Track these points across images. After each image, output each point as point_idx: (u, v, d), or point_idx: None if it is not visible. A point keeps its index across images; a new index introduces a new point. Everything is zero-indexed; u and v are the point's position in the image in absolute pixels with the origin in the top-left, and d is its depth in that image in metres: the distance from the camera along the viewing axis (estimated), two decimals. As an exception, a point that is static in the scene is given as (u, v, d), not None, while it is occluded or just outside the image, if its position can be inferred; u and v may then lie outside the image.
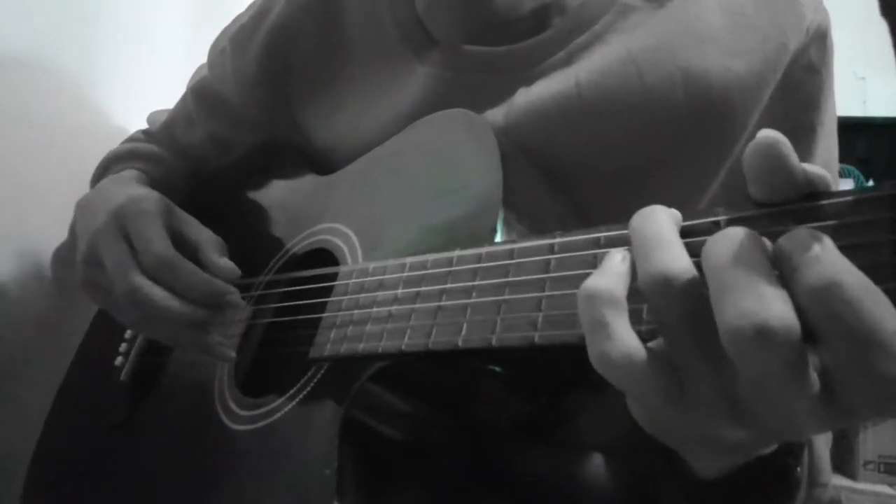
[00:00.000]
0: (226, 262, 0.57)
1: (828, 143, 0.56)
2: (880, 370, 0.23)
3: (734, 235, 0.26)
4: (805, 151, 0.55)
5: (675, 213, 0.30)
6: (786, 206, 0.27)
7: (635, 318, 0.29)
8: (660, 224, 0.29)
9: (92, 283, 0.61)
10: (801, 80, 0.54)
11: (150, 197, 0.60)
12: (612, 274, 0.29)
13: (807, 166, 0.27)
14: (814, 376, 0.25)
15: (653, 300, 0.28)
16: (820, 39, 0.55)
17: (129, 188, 0.65)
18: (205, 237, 0.59)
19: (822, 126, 0.55)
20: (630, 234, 0.29)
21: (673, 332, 0.28)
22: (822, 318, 0.24)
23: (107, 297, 0.59)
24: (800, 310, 0.24)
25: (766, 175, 0.27)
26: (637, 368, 0.28)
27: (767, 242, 0.26)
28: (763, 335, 0.24)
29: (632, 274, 0.30)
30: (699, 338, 0.27)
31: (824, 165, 0.56)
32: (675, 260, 0.27)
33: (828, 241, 0.24)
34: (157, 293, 0.54)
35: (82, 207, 0.68)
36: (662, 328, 0.28)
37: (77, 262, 0.61)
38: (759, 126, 0.54)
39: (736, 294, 0.25)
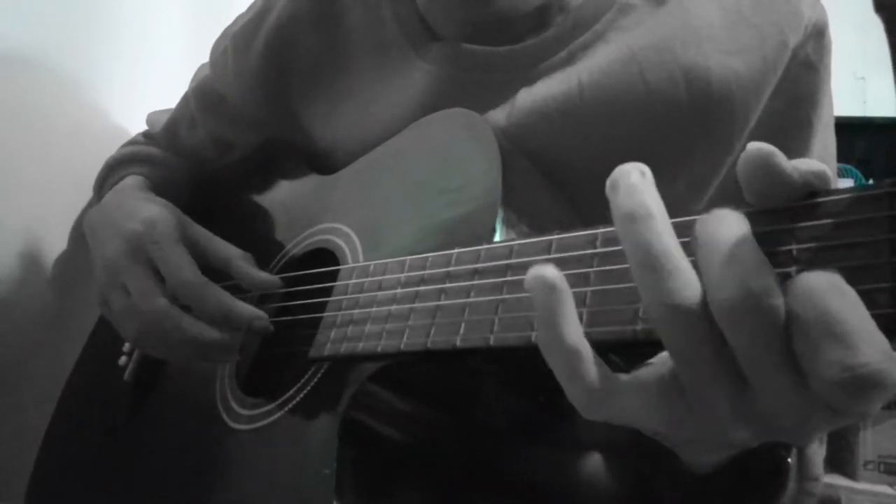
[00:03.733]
0: (266, 276, 0.58)
1: (825, 139, 0.56)
2: (829, 356, 0.23)
3: (722, 215, 0.27)
4: (802, 148, 0.55)
5: (668, 225, 0.28)
6: (784, 205, 0.27)
7: (632, 318, 0.29)
8: (661, 241, 0.27)
9: (110, 305, 0.60)
10: (798, 77, 0.54)
11: (162, 218, 0.60)
12: (565, 321, 0.28)
13: (802, 164, 0.27)
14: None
15: (663, 331, 0.27)
16: (817, 36, 0.54)
17: (139, 205, 0.64)
18: (232, 251, 0.60)
19: (820, 122, 0.55)
20: (627, 253, 0.28)
21: (690, 360, 0.27)
22: (793, 310, 0.24)
23: (127, 321, 0.59)
24: None
25: (759, 185, 0.27)
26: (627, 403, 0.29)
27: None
28: (750, 297, 0.24)
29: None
30: (717, 355, 0.26)
31: (821, 161, 0.56)
32: (685, 287, 0.26)
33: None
34: (184, 319, 0.54)
35: (92, 226, 0.67)
36: (676, 356, 0.27)
37: (96, 289, 0.61)
38: (760, 123, 0.54)
39: (726, 265, 0.25)
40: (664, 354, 0.29)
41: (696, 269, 0.27)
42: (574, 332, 0.28)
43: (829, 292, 0.24)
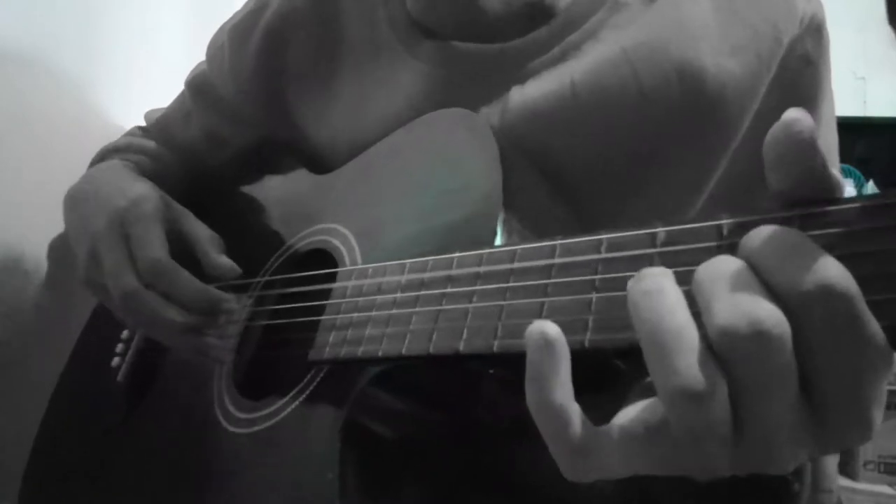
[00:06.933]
0: (225, 261, 0.59)
1: (826, 136, 0.56)
2: (865, 368, 0.23)
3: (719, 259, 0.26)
4: None
5: (671, 279, 0.27)
6: (791, 213, 0.27)
7: (620, 325, 0.29)
8: (672, 322, 0.26)
9: (95, 284, 0.61)
10: (796, 72, 0.54)
11: (148, 197, 0.60)
12: (555, 379, 0.28)
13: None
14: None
15: (675, 412, 0.26)
16: (815, 30, 0.54)
17: (126, 184, 0.64)
18: (202, 233, 0.60)
19: (821, 118, 0.55)
20: (636, 323, 0.27)
21: (691, 431, 0.26)
22: (816, 320, 0.24)
23: (108, 298, 0.60)
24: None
25: (789, 160, 0.26)
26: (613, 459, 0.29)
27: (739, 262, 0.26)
28: (757, 331, 0.24)
29: None
30: (720, 428, 0.26)
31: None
32: (698, 372, 0.25)
33: (808, 244, 0.25)
34: (152, 299, 0.55)
35: (74, 199, 0.67)
36: (683, 431, 0.27)
37: (79, 264, 0.62)
38: (756, 120, 0.53)
39: (728, 298, 0.25)
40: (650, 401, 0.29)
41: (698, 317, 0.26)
42: (563, 393, 0.28)
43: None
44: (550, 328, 0.28)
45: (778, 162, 0.26)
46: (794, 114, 0.26)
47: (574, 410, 0.28)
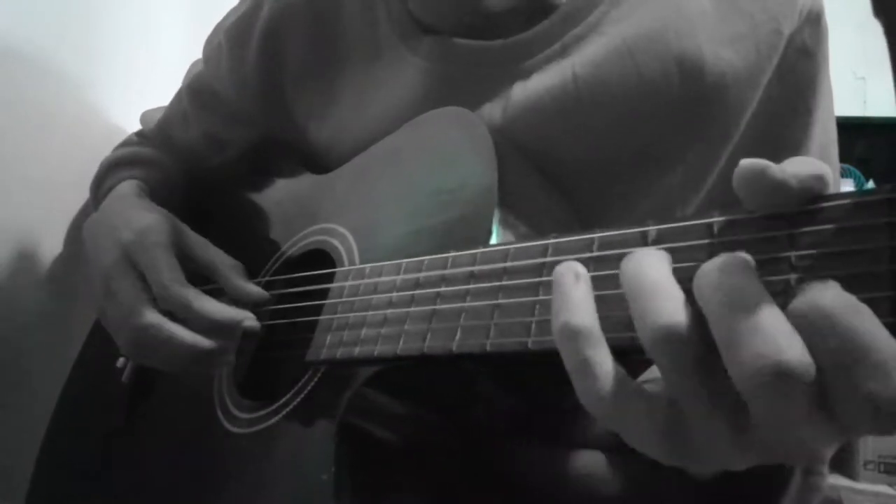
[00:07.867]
0: (252, 287, 0.57)
1: (825, 127, 0.56)
2: (868, 387, 0.23)
3: (725, 271, 0.26)
4: (802, 136, 0.54)
5: (664, 254, 0.29)
6: (781, 211, 0.27)
7: (629, 324, 0.29)
8: (655, 271, 0.28)
9: (106, 317, 0.60)
10: (795, 64, 0.53)
11: (157, 227, 0.59)
12: (579, 306, 0.29)
13: (802, 169, 0.26)
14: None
15: (656, 355, 0.27)
16: (813, 22, 0.54)
17: (133, 214, 0.62)
18: (221, 260, 0.59)
19: (819, 109, 0.55)
20: (622, 281, 0.29)
21: (680, 384, 0.27)
22: (811, 338, 0.24)
23: (121, 333, 0.58)
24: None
25: (760, 199, 0.27)
26: (631, 408, 0.28)
27: (749, 258, 0.26)
28: (781, 377, 0.23)
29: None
30: (709, 386, 0.26)
31: (822, 149, 0.55)
32: (676, 312, 0.26)
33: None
34: (173, 329, 0.53)
35: (90, 234, 0.66)
36: (668, 380, 0.27)
37: (96, 301, 0.61)
38: (757, 113, 0.53)
39: (748, 338, 0.24)
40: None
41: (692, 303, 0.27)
42: (592, 318, 0.29)
43: (849, 314, 0.23)
44: (579, 265, 0.30)
45: (748, 202, 0.28)
46: (751, 163, 0.26)
47: (601, 336, 0.28)
